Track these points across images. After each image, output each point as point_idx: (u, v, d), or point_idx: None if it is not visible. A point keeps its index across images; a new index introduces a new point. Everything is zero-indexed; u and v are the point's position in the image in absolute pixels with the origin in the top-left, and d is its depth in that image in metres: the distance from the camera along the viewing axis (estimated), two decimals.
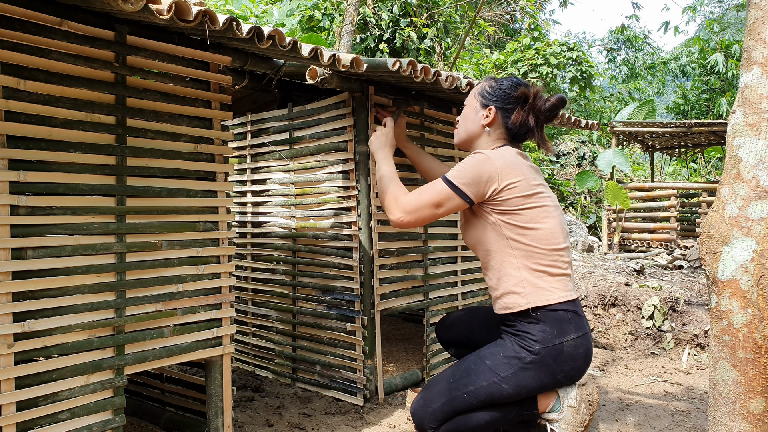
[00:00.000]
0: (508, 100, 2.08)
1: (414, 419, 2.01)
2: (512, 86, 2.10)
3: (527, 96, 2.07)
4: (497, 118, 2.09)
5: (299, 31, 7.84)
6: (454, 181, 1.95)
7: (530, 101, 2.06)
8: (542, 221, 1.94)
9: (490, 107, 2.09)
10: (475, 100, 2.16)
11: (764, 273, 1.41)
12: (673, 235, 7.50)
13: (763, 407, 1.42)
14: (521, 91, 2.07)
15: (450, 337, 2.39)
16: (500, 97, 2.09)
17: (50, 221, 1.68)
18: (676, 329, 3.71)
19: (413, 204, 1.99)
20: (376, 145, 2.30)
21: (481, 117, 2.12)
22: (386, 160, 2.23)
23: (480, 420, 1.95)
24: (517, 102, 2.08)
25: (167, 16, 1.56)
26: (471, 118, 2.15)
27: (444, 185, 1.96)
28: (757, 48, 1.47)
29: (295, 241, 2.93)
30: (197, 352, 2.03)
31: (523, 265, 1.94)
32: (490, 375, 1.93)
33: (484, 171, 1.93)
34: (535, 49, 10.99)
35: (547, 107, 2.07)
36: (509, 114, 2.07)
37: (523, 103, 2.07)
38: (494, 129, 2.10)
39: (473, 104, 2.16)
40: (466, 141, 2.18)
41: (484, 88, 2.15)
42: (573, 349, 1.94)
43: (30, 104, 1.63)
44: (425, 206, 1.97)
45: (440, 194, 1.96)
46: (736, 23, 18.47)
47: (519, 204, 1.93)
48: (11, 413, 1.58)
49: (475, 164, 1.95)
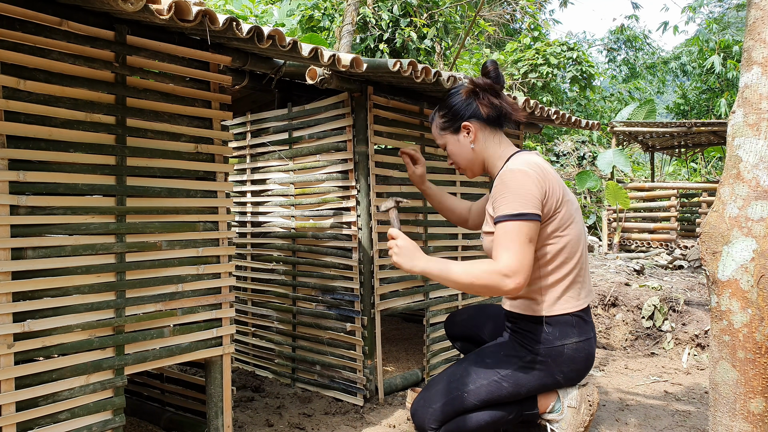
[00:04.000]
0: (466, 106, 1.99)
1: (414, 419, 2.01)
2: (457, 95, 2.01)
3: (473, 89, 1.98)
4: (474, 127, 1.98)
5: (299, 31, 7.83)
6: (522, 210, 1.77)
7: (478, 89, 1.97)
8: (568, 228, 1.91)
9: (463, 125, 1.99)
10: (445, 136, 2.05)
11: (764, 273, 1.41)
12: (673, 235, 7.50)
13: (763, 407, 1.42)
14: (466, 90, 1.99)
15: (456, 331, 2.40)
16: (460, 111, 1.99)
17: (50, 221, 1.68)
18: (676, 329, 3.71)
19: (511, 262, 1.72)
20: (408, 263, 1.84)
21: (465, 142, 2.00)
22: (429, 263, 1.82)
23: (480, 420, 1.95)
24: (470, 101, 1.98)
25: (167, 16, 1.56)
26: (458, 148, 2.03)
27: (516, 222, 1.75)
28: (757, 48, 1.47)
29: (295, 241, 2.93)
30: (197, 352, 2.03)
31: (545, 272, 1.92)
32: (490, 373, 1.93)
33: (531, 184, 1.80)
34: (535, 49, 10.99)
35: (492, 77, 1.98)
36: (477, 113, 1.98)
37: (476, 95, 1.98)
38: (483, 136, 2.00)
39: (449, 138, 2.04)
40: (478, 169, 2.06)
41: (441, 123, 2.05)
42: (574, 352, 1.94)
43: (30, 104, 1.63)
44: (522, 254, 1.73)
45: (523, 232, 1.75)
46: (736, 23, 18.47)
47: (553, 212, 1.88)
48: (11, 413, 1.58)
49: (522, 184, 1.80)
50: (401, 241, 1.85)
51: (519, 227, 1.75)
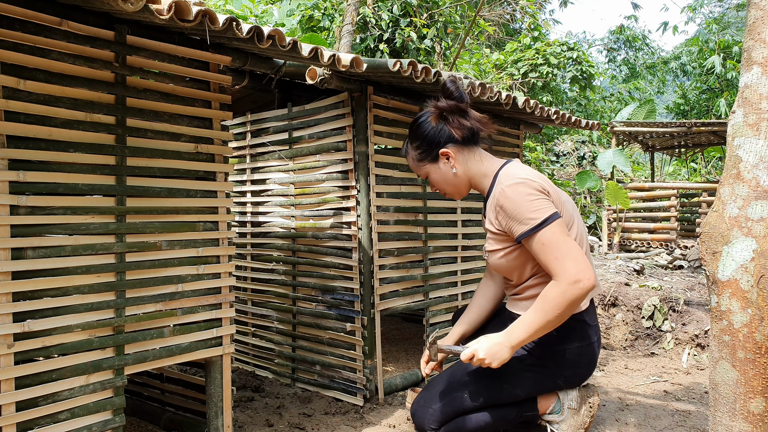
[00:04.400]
0: (438, 133, 1.95)
1: (414, 420, 2.01)
2: (425, 123, 1.96)
3: (439, 113, 1.94)
4: (453, 152, 1.94)
5: (299, 31, 7.83)
6: (543, 216, 1.75)
7: (445, 111, 1.94)
8: (570, 229, 1.91)
9: (440, 152, 1.95)
10: (424, 166, 2.01)
11: (764, 273, 1.41)
12: (673, 235, 7.50)
13: (763, 407, 1.42)
14: (433, 116, 1.95)
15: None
16: (434, 138, 1.95)
17: (50, 221, 1.68)
18: (676, 329, 3.71)
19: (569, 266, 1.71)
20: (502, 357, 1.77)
21: (446, 169, 1.97)
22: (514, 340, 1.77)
23: (480, 421, 1.95)
24: (441, 126, 1.94)
25: (167, 16, 1.56)
26: (441, 176, 1.99)
27: (546, 230, 1.73)
28: (757, 48, 1.47)
29: (295, 241, 2.93)
30: (197, 352, 2.03)
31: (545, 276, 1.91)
32: (490, 375, 1.93)
33: (535, 190, 1.79)
34: (536, 49, 10.99)
35: (455, 96, 1.93)
36: (452, 137, 1.93)
37: (444, 119, 1.94)
38: (462, 157, 1.96)
39: (429, 168, 2.01)
40: (465, 190, 2.04)
41: (417, 155, 2.00)
42: (575, 356, 1.94)
43: (30, 104, 1.63)
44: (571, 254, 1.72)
45: (557, 233, 1.74)
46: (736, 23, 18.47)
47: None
48: (11, 413, 1.58)
49: (528, 194, 1.78)
50: (481, 353, 1.77)
51: (552, 232, 1.73)
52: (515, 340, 1.76)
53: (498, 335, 1.79)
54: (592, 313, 1.99)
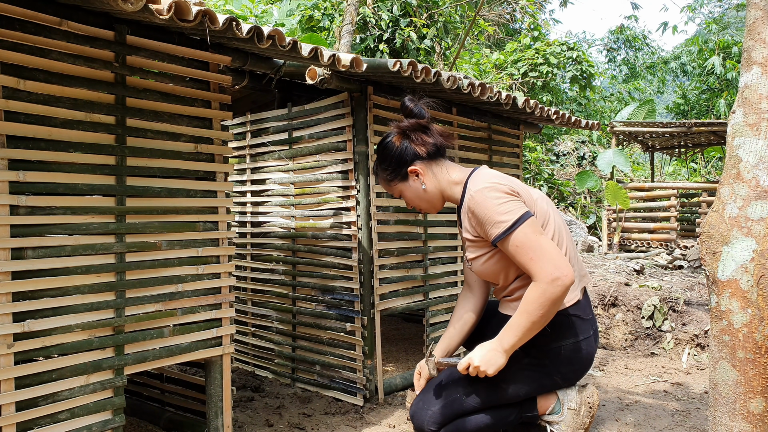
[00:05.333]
0: (404, 152, 1.98)
1: (413, 422, 2.01)
2: (390, 144, 2.00)
3: (402, 132, 1.98)
4: (421, 168, 1.98)
5: (299, 31, 7.83)
6: (514, 217, 1.77)
7: (407, 130, 1.98)
8: (547, 225, 1.93)
9: (407, 170, 1.98)
10: (395, 186, 2.04)
11: (764, 273, 1.41)
12: (673, 235, 7.50)
13: (763, 407, 1.42)
14: (396, 136, 1.99)
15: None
16: (400, 158, 1.98)
17: (50, 221, 1.68)
18: (676, 329, 3.71)
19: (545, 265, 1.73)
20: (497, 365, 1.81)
21: (416, 186, 2.00)
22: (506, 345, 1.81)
23: (480, 422, 1.95)
24: (405, 145, 1.97)
25: (167, 16, 1.56)
26: (413, 194, 2.02)
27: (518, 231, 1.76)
28: (757, 48, 1.47)
29: (295, 241, 2.93)
30: (197, 352, 2.03)
31: None
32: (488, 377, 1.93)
33: (503, 193, 1.82)
34: (535, 48, 10.99)
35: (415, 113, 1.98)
36: (417, 154, 1.97)
37: (407, 137, 1.98)
38: (431, 172, 1.99)
39: (401, 187, 2.04)
40: (439, 204, 2.06)
41: (385, 174, 2.03)
42: (571, 352, 1.94)
43: (30, 104, 1.63)
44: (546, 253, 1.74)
45: (529, 233, 1.76)
46: (736, 23, 18.47)
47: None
48: (11, 413, 1.58)
49: (497, 197, 1.81)
50: (476, 361, 1.81)
51: (524, 233, 1.76)
52: (507, 345, 1.79)
53: (491, 342, 1.82)
54: (586, 306, 1.99)
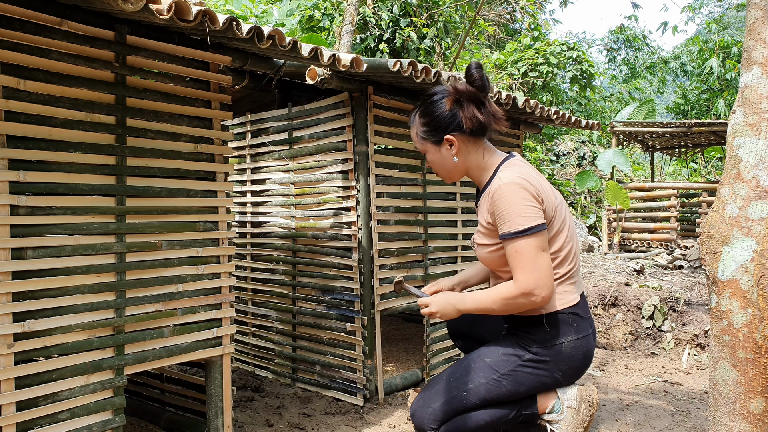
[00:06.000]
0: (449, 118, 1.91)
1: (414, 420, 2.01)
2: (439, 104, 1.92)
3: (456, 98, 1.89)
4: (457, 140, 1.92)
5: (299, 31, 7.83)
6: (528, 224, 1.77)
7: (462, 98, 1.89)
8: (562, 231, 1.93)
9: (445, 138, 1.93)
10: (426, 144, 1.99)
11: (764, 273, 1.41)
12: (673, 235, 7.50)
13: (763, 407, 1.42)
14: (449, 99, 1.90)
15: (459, 329, 2.40)
16: (442, 122, 1.92)
17: (50, 221, 1.68)
18: (676, 329, 3.71)
19: (528, 281, 1.78)
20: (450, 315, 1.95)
21: (447, 152, 1.95)
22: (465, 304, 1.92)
23: (480, 420, 1.95)
24: (454, 112, 1.90)
25: (167, 16, 1.56)
26: (440, 160, 1.98)
27: (524, 240, 1.77)
28: (757, 48, 1.47)
29: (295, 241, 2.93)
30: (197, 352, 2.03)
31: None
32: (489, 372, 1.93)
33: (530, 196, 1.80)
34: (536, 48, 10.99)
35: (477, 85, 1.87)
36: (461, 126, 1.90)
37: (459, 105, 1.90)
38: (465, 148, 1.95)
39: (430, 148, 1.99)
40: (458, 177, 2.03)
41: (421, 132, 1.98)
42: (572, 350, 1.94)
43: (30, 104, 1.63)
44: (537, 269, 1.77)
45: (533, 246, 1.77)
46: (736, 23, 18.47)
47: (548, 217, 1.87)
48: (11, 413, 1.58)
49: (522, 197, 1.79)
50: (434, 306, 1.95)
51: (528, 243, 1.78)
52: (463, 308, 1.92)
53: (454, 296, 1.94)
54: (584, 306, 2.00)
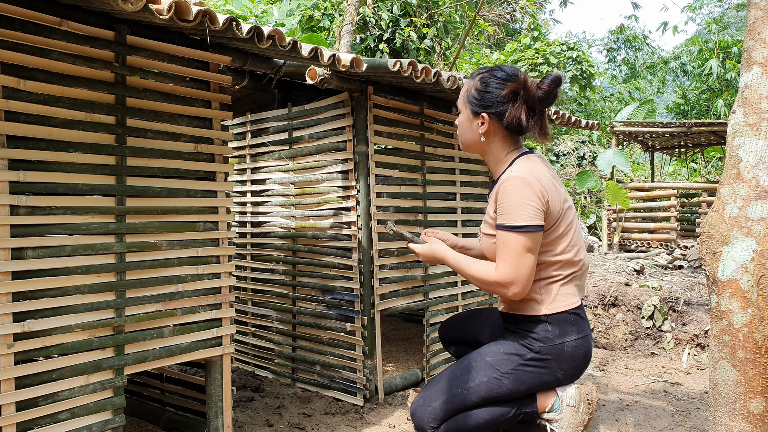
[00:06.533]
0: (498, 102, 1.92)
1: (414, 419, 2.01)
2: (500, 84, 1.93)
3: (517, 91, 1.90)
4: (492, 124, 1.95)
5: (299, 31, 7.83)
6: (523, 222, 1.79)
7: (521, 95, 1.90)
8: (567, 233, 1.93)
9: (482, 115, 1.94)
10: (465, 107, 2.01)
11: (764, 273, 1.41)
12: (673, 235, 7.49)
13: (763, 407, 1.42)
14: (510, 88, 1.90)
15: (452, 334, 2.39)
16: (490, 102, 1.93)
17: (50, 221, 1.68)
18: (676, 329, 3.71)
19: (507, 274, 1.81)
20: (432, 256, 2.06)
21: (476, 126, 1.97)
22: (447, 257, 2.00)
23: (480, 418, 1.95)
24: (508, 99, 1.91)
25: (167, 16, 1.56)
26: (467, 127, 2.01)
27: (515, 235, 1.79)
28: (757, 48, 1.47)
29: (295, 241, 2.93)
30: (197, 352, 2.03)
31: (545, 274, 1.93)
32: (490, 371, 1.94)
33: (534, 195, 1.80)
34: (535, 48, 10.99)
35: (541, 95, 1.88)
36: (502, 115, 1.92)
37: (514, 99, 1.90)
38: (494, 134, 1.97)
39: (465, 112, 2.01)
40: (474, 151, 2.07)
41: (471, 93, 1.99)
42: (573, 349, 1.95)
43: (30, 104, 1.63)
44: (518, 266, 1.80)
45: (521, 244, 1.79)
46: (736, 23, 18.46)
47: (553, 220, 1.88)
48: (11, 413, 1.58)
49: (525, 194, 1.80)
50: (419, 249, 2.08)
51: (517, 240, 1.80)
52: (443, 261, 2.01)
53: (442, 248, 2.03)
54: (582, 307, 2.03)
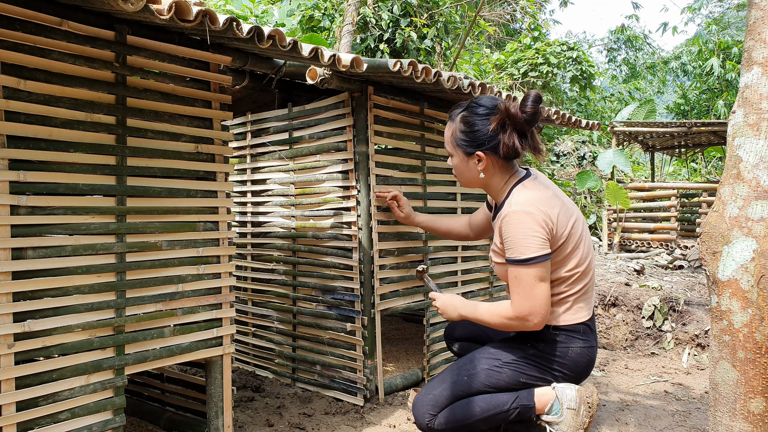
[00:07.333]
0: (489, 138, 1.93)
1: (414, 411, 2.04)
2: (484, 120, 1.93)
3: (503, 121, 1.90)
4: (488, 159, 1.96)
5: (299, 31, 7.83)
6: (530, 255, 1.83)
7: (508, 123, 1.90)
8: (577, 249, 1.95)
9: (477, 153, 1.96)
10: (456, 150, 2.02)
11: (764, 273, 1.41)
12: (673, 235, 7.49)
13: (764, 407, 1.42)
14: (496, 120, 1.91)
15: (458, 333, 2.44)
16: (481, 139, 1.94)
17: (50, 221, 1.68)
18: (676, 329, 3.71)
19: (524, 307, 1.86)
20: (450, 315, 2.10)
21: (473, 165, 1.99)
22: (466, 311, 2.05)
23: (476, 406, 1.97)
24: (496, 132, 1.92)
25: (167, 16, 1.56)
26: (464, 168, 2.03)
27: (525, 269, 1.84)
28: (758, 48, 1.47)
29: (295, 241, 2.93)
30: (197, 352, 2.03)
31: (557, 291, 1.97)
32: (492, 360, 2.01)
33: (536, 225, 1.83)
34: (536, 48, 10.98)
35: (527, 117, 1.88)
36: (496, 148, 1.93)
37: (503, 129, 1.91)
38: (493, 168, 1.99)
39: (458, 155, 2.02)
40: (473, 186, 2.09)
41: (457, 137, 2.00)
42: (577, 355, 1.99)
43: (30, 104, 1.63)
44: (534, 296, 1.84)
45: (532, 275, 1.83)
46: (736, 23, 18.46)
47: (559, 239, 1.91)
48: (11, 413, 1.58)
49: (529, 227, 1.83)
50: (439, 302, 2.13)
51: (527, 273, 1.84)
52: (464, 313, 2.05)
53: (460, 302, 2.07)
54: (593, 319, 2.08)
